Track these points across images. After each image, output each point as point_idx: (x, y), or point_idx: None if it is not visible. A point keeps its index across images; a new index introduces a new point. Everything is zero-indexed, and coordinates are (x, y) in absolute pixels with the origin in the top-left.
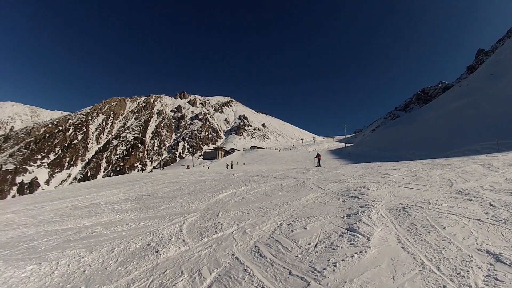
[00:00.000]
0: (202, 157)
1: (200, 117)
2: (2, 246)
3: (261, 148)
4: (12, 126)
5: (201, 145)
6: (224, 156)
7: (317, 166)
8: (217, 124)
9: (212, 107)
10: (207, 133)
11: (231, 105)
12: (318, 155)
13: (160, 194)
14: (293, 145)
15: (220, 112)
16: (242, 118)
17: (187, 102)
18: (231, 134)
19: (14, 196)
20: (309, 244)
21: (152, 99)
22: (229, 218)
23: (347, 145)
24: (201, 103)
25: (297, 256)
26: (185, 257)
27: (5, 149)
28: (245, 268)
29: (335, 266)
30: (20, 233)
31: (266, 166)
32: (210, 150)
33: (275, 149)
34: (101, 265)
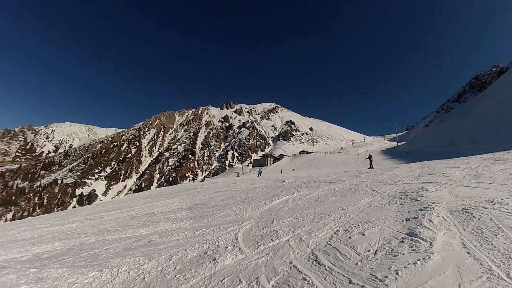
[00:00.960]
0: (251, 164)
1: (247, 125)
2: (65, 253)
3: (310, 152)
4: (71, 144)
5: (249, 152)
6: (273, 163)
7: (370, 168)
8: (264, 131)
9: (258, 114)
10: (255, 140)
11: (277, 111)
12: (369, 156)
13: (213, 202)
14: (342, 148)
15: (267, 119)
16: (289, 123)
17: (233, 111)
18: (279, 140)
19: (74, 207)
20: (368, 251)
21: (199, 111)
22: (284, 225)
23: (399, 143)
24: (248, 112)
25: (356, 264)
26: (242, 265)
27: (65, 164)
28: (304, 276)
29: (397, 274)
30: (82, 242)
31: (316, 170)
32: (259, 158)
33: (325, 152)
34: (160, 273)
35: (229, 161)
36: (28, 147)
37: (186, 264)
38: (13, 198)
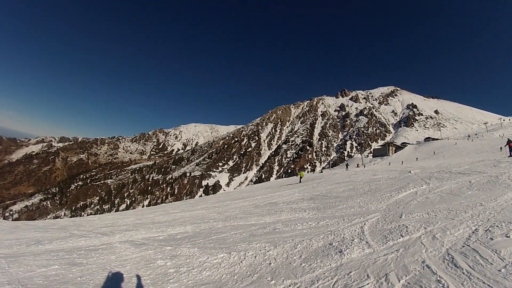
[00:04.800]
0: (371, 154)
1: (365, 112)
2: (196, 235)
3: (437, 139)
4: (197, 142)
5: (369, 142)
6: (395, 152)
7: (510, 156)
8: (384, 118)
9: (376, 100)
10: (374, 128)
11: (396, 95)
12: (509, 142)
13: (335, 194)
14: (476, 134)
15: (386, 104)
16: (410, 107)
17: (349, 99)
18: (400, 126)
19: (200, 196)
20: None
21: (314, 102)
22: (414, 221)
23: None
24: (364, 98)
25: (499, 271)
26: (370, 260)
27: (193, 160)
28: (438, 278)
29: None
30: (211, 226)
31: (444, 160)
32: (380, 147)
33: (454, 139)
34: (286, 260)
35: (348, 151)
36: (160, 146)
37: (311, 254)
38: (149, 188)
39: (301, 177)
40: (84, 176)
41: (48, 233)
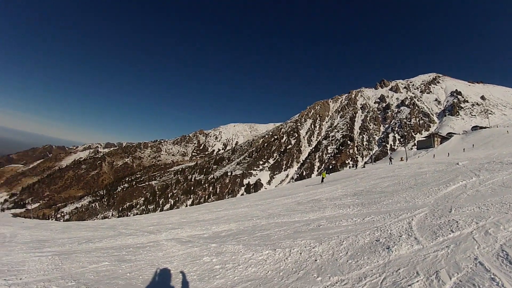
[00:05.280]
0: (415, 147)
1: (406, 103)
2: (240, 232)
3: (485, 127)
4: (237, 141)
5: (412, 133)
6: (441, 143)
7: None
8: (427, 107)
9: (417, 88)
10: (417, 119)
11: (438, 82)
12: None
13: (379, 189)
14: None
15: (428, 93)
16: (454, 94)
17: (389, 89)
18: (445, 116)
19: (242, 194)
20: None
21: (353, 95)
22: (464, 215)
23: None
24: (405, 87)
25: None
26: (419, 257)
27: (233, 159)
28: (492, 276)
29: None
30: (254, 223)
31: (495, 150)
32: (424, 138)
33: (504, 126)
34: (332, 257)
35: (390, 144)
36: (201, 147)
37: (357, 250)
38: (192, 188)
39: (323, 178)
40: (130, 179)
41: (98, 232)
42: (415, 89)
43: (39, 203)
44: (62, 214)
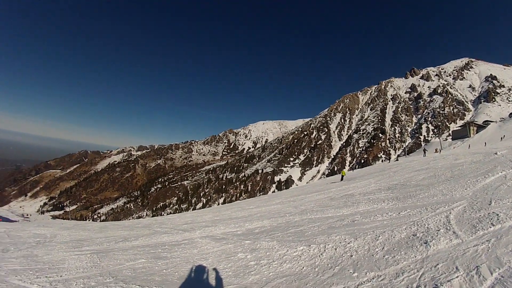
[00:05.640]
0: (450, 137)
1: (439, 91)
2: (274, 229)
3: None
4: (266, 139)
5: (447, 123)
6: (477, 132)
7: None
8: (460, 95)
9: (449, 75)
10: (451, 107)
11: (471, 67)
12: None
13: (414, 182)
14: None
15: (461, 79)
16: (489, 79)
17: (419, 78)
18: (480, 103)
19: (273, 192)
20: None
21: (382, 86)
22: (505, 208)
23: None
24: (436, 75)
25: None
26: (459, 251)
27: (264, 157)
28: None
29: None
30: (287, 220)
31: None
32: (459, 128)
33: None
34: (367, 252)
35: (424, 135)
36: (231, 146)
37: (394, 245)
38: (223, 187)
39: (343, 176)
40: (162, 179)
41: (133, 231)
42: (447, 76)
43: (77, 205)
44: (99, 215)
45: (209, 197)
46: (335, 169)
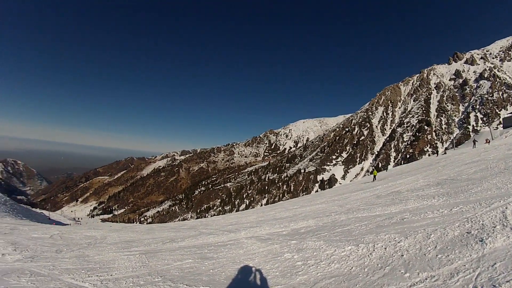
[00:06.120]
0: (501, 125)
1: (485, 75)
2: (320, 229)
3: None
4: (307, 138)
5: (496, 110)
6: None
7: None
8: (509, 77)
9: (496, 57)
10: (500, 92)
11: None
12: None
13: (465, 176)
14: None
15: (509, 60)
16: None
17: (463, 63)
18: None
19: (316, 191)
20: None
21: (424, 74)
22: None
23: None
24: (481, 58)
25: None
26: None
27: (305, 156)
28: None
29: None
30: (333, 219)
31: None
32: (511, 114)
33: None
34: (419, 251)
35: (473, 125)
36: (272, 147)
37: (447, 244)
38: (266, 187)
39: (375, 176)
40: (206, 182)
41: (179, 233)
42: (493, 58)
43: (124, 208)
44: (145, 217)
45: (252, 199)
46: (379, 165)
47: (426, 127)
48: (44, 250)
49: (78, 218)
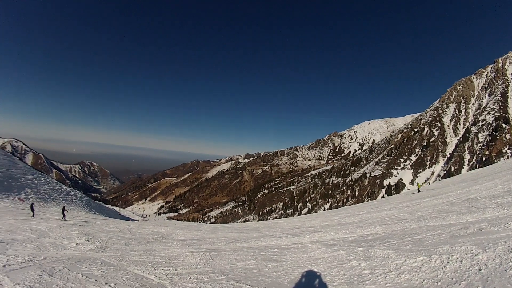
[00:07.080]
0: None
1: None
2: (388, 237)
3: None
4: (373, 140)
5: None
6: None
7: None
8: None
9: None
10: None
11: None
12: None
13: None
14: None
15: None
16: None
17: None
18: None
19: (383, 197)
20: None
21: (499, 64)
22: None
23: None
24: None
25: None
26: None
27: (371, 159)
28: None
29: None
30: (403, 227)
31: None
32: None
33: None
34: (499, 266)
35: None
36: (336, 150)
37: None
38: (330, 192)
39: (419, 188)
40: (269, 185)
41: (243, 233)
42: None
43: (189, 208)
44: (209, 217)
45: (315, 203)
46: (452, 169)
47: (504, 125)
48: (114, 242)
49: (146, 215)
